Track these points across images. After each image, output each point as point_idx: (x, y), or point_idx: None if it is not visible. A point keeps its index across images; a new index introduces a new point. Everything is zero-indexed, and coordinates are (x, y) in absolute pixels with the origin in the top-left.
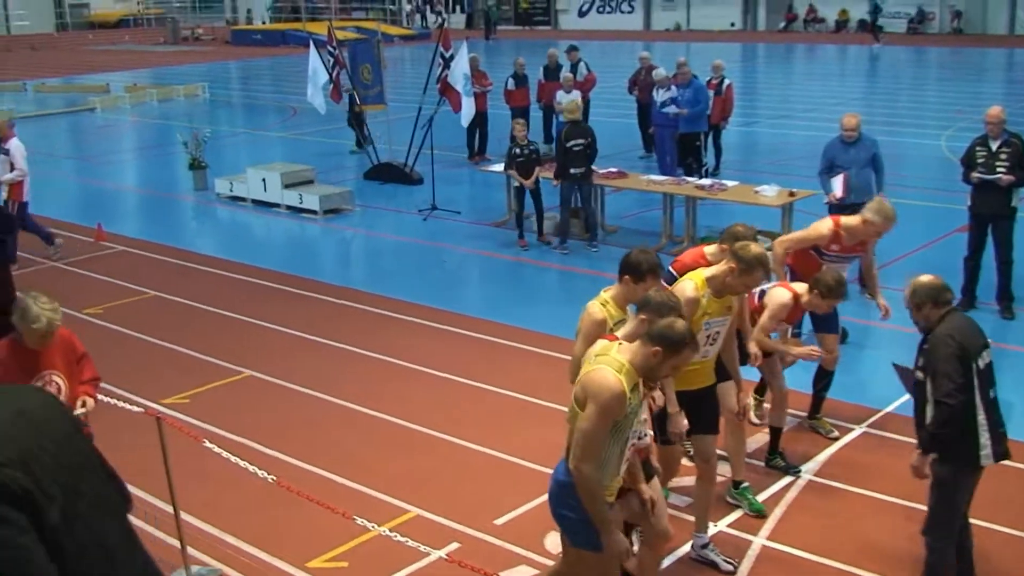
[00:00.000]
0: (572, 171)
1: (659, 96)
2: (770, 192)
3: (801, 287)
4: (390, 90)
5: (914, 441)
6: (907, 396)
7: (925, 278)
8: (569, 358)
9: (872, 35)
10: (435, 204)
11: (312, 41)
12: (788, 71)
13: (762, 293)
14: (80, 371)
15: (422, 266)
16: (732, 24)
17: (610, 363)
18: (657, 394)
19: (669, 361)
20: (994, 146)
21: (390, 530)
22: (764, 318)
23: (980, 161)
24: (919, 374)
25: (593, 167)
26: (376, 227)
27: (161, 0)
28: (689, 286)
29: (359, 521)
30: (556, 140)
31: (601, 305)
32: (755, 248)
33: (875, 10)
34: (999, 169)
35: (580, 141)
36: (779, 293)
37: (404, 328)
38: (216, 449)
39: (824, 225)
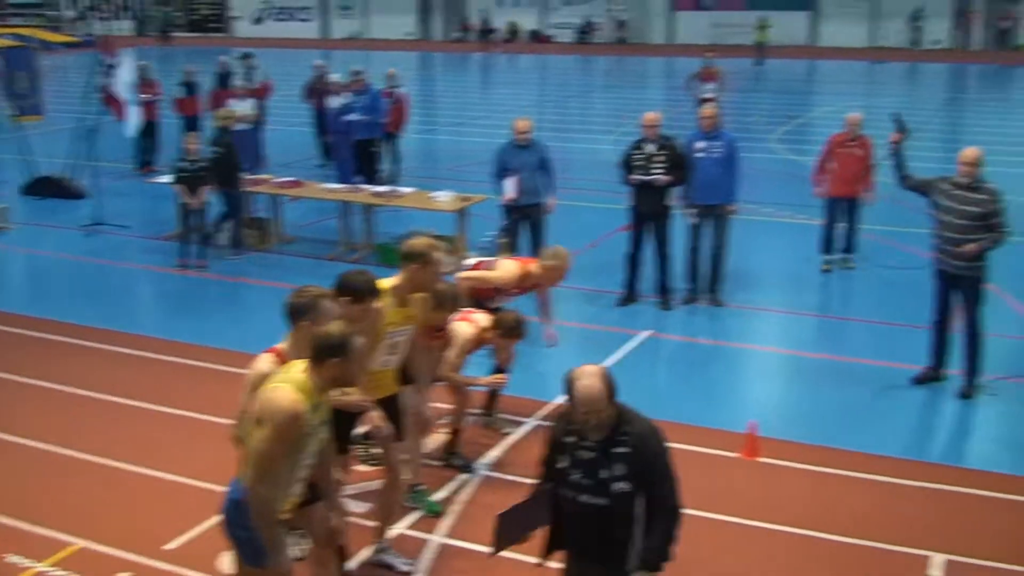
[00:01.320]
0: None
1: (334, 103)
2: (445, 198)
3: (485, 321)
4: (50, 100)
5: None
6: None
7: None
8: (247, 372)
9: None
10: (100, 219)
11: None
12: (464, 80)
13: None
14: None
15: (88, 286)
16: (409, 33)
17: (290, 381)
18: (375, 413)
19: (344, 367)
20: (651, 149)
21: (51, 566)
22: (451, 354)
23: (638, 164)
24: (622, 485)
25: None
26: (37, 245)
27: None
28: None
29: (13, 559)
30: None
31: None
32: (418, 239)
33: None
34: (655, 171)
35: (215, 149)
36: (464, 328)
37: (68, 351)
38: None
39: (512, 269)
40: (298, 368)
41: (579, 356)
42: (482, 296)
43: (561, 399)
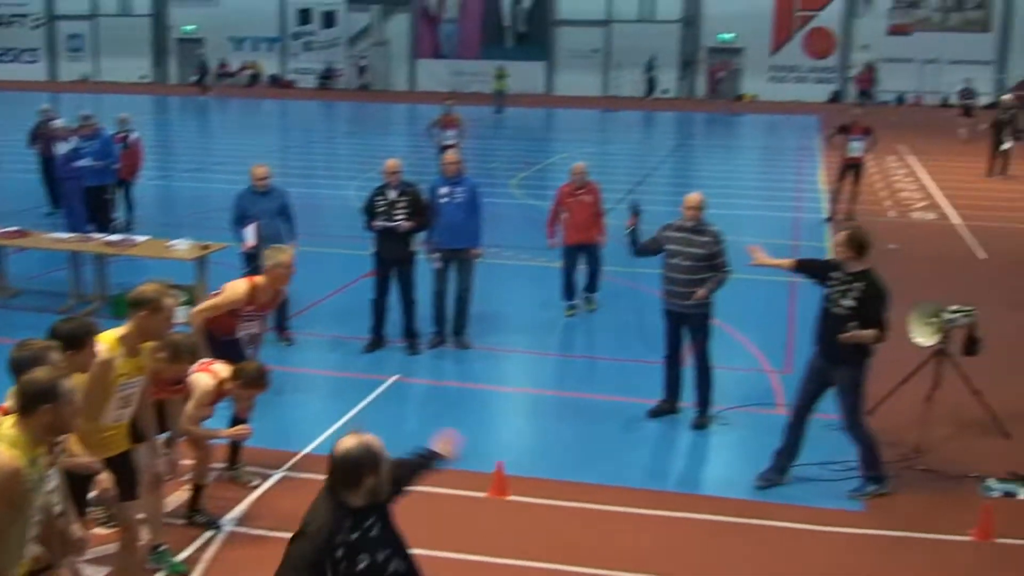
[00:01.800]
0: None
1: (62, 149)
2: (183, 246)
3: (225, 371)
4: None
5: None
6: (325, 435)
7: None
8: None
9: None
10: None
11: None
12: (203, 124)
13: None
14: None
15: None
16: (143, 76)
17: (1, 439)
18: (103, 475)
19: (57, 413)
20: (393, 195)
21: None
22: (190, 407)
23: (380, 210)
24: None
25: None
26: None
27: None
28: (101, 347)
29: None
30: None
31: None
32: (148, 285)
33: None
34: (398, 217)
35: None
36: (202, 380)
37: None
38: None
39: (239, 287)
40: (7, 423)
41: (327, 404)
42: (223, 330)
43: (309, 447)
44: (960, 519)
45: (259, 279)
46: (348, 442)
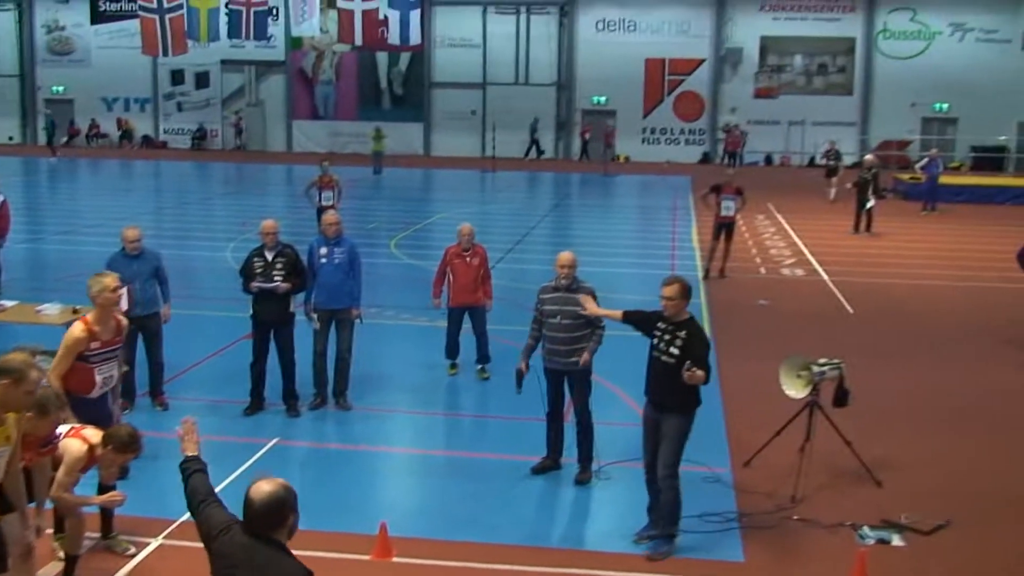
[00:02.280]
0: None
1: None
2: (53, 310)
3: (95, 436)
4: None
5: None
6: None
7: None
8: None
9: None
10: None
11: None
12: (74, 186)
13: None
14: None
15: None
16: (11, 138)
17: None
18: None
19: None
20: (270, 256)
21: None
22: (61, 474)
23: (258, 271)
24: None
25: None
26: None
27: None
28: None
29: None
30: None
31: None
32: (14, 354)
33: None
34: (276, 278)
35: None
36: (74, 445)
37: None
38: None
39: (76, 329)
40: None
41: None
42: (83, 386)
43: (186, 514)
44: (836, 567)
45: (90, 314)
46: (265, 487)
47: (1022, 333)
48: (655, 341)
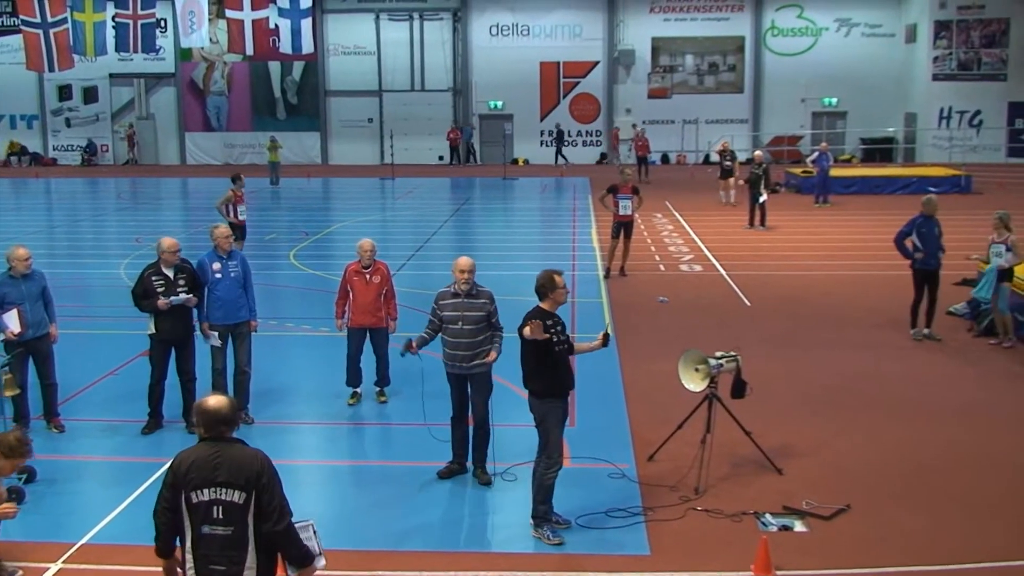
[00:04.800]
0: None
1: None
2: None
3: None
4: None
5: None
6: (98, 527)
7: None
8: None
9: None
10: None
11: None
12: None
13: None
14: None
15: None
16: None
17: None
18: None
19: None
20: (171, 273)
21: None
22: None
23: (160, 289)
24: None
25: None
26: None
27: None
28: None
29: None
30: None
31: None
32: None
33: None
34: (181, 292)
35: None
36: None
37: None
38: None
39: None
40: None
41: (105, 491)
42: None
43: (86, 537)
44: (741, 556)
45: None
46: (213, 399)
47: (906, 317)
48: (556, 338)
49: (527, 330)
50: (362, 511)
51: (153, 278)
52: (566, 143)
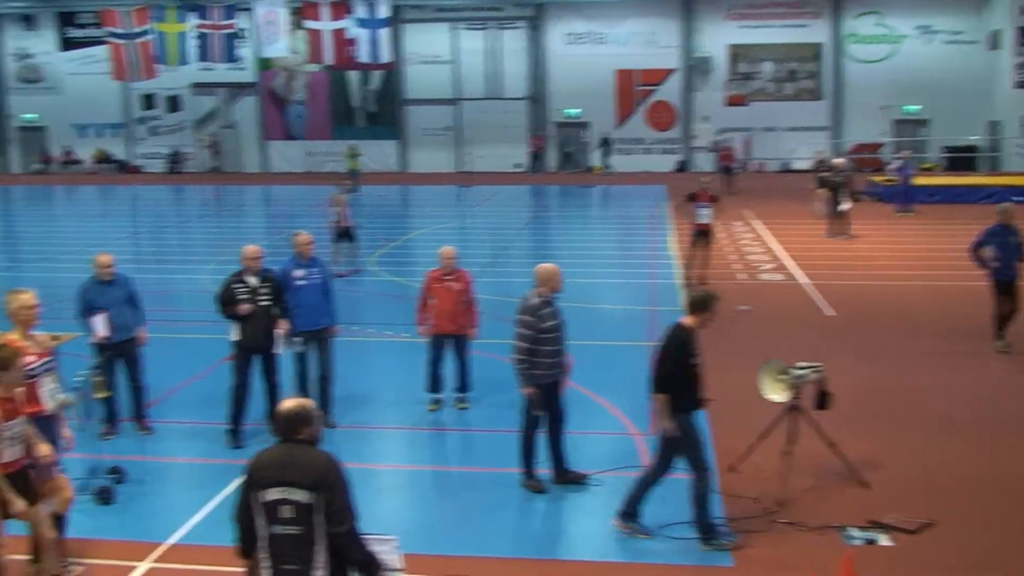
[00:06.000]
0: None
1: None
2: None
3: None
4: None
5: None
6: (185, 528)
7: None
8: None
9: None
10: None
11: None
12: (50, 212)
13: None
14: None
15: None
16: None
17: None
18: None
19: None
20: (254, 281)
21: None
22: None
23: (243, 297)
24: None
25: None
26: None
27: None
28: None
29: None
30: None
31: None
32: None
33: None
34: (263, 302)
35: None
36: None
37: None
38: None
39: None
40: None
41: (191, 491)
42: (30, 403)
43: (173, 537)
44: (824, 569)
45: (10, 334)
46: (287, 403)
47: (989, 328)
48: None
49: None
50: (444, 517)
51: (235, 286)
52: (610, 151)
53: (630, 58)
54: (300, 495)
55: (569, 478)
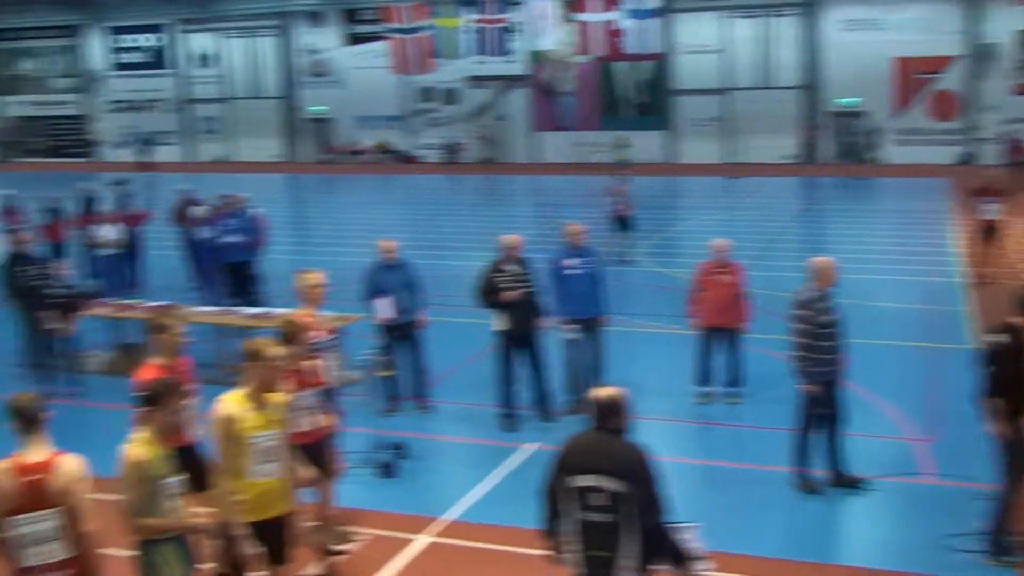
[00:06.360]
0: None
1: (205, 233)
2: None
3: None
4: None
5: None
6: (462, 504)
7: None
8: None
9: None
10: None
11: None
12: (334, 200)
13: None
14: None
15: None
16: (275, 155)
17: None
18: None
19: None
20: (515, 269)
21: None
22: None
23: (505, 285)
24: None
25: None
26: None
27: None
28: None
29: None
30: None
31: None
32: (252, 340)
33: None
34: (526, 288)
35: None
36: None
37: None
38: None
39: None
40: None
41: (466, 470)
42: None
43: (448, 512)
44: None
45: (299, 311)
46: (604, 391)
47: None
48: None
49: None
50: (711, 511)
51: (495, 275)
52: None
53: (909, 45)
54: (612, 484)
55: (845, 481)
